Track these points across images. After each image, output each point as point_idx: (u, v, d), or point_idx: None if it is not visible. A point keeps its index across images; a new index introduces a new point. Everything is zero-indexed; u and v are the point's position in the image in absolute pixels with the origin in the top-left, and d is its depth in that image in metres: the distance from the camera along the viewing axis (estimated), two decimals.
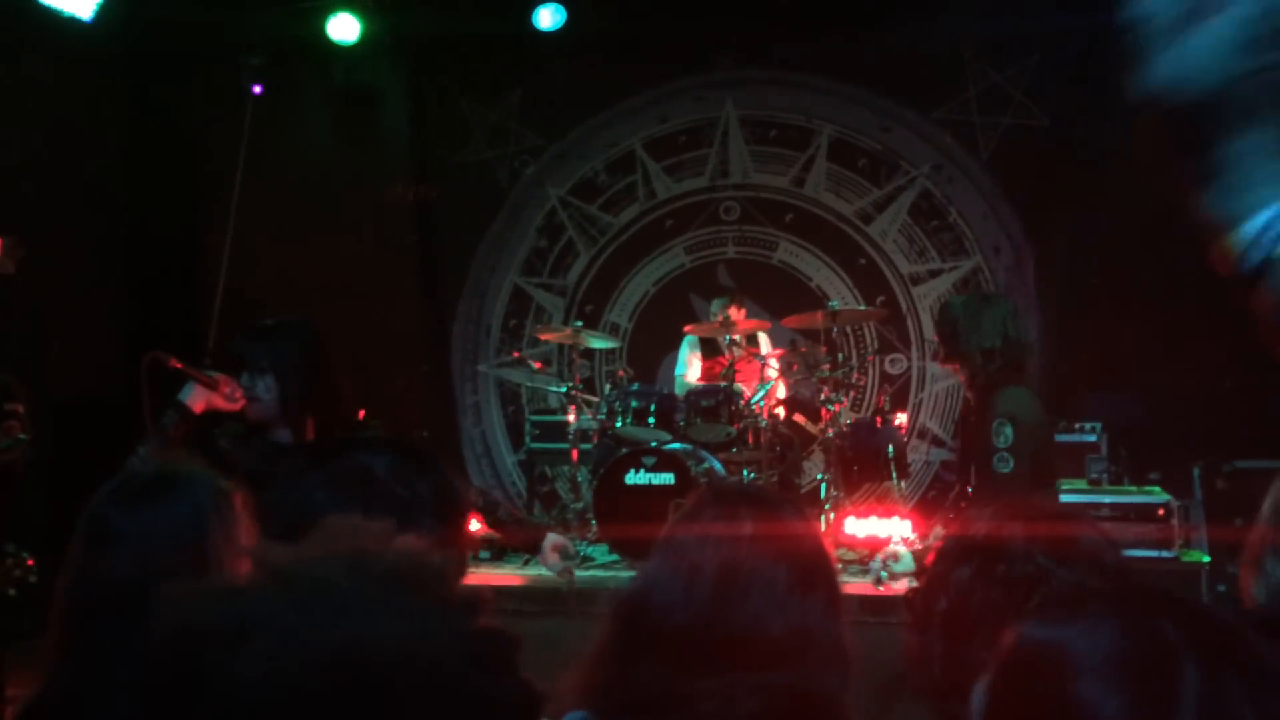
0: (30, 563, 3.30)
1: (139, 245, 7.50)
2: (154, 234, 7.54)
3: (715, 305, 6.73)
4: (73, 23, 6.38)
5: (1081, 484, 5.60)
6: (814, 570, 1.37)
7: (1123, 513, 5.04)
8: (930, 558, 1.45)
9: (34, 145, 6.45)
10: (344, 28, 7.25)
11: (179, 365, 2.81)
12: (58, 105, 6.70)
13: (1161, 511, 5.07)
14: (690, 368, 6.96)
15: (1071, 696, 0.85)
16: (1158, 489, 5.44)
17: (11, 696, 3.67)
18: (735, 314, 6.54)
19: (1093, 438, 5.96)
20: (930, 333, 7.41)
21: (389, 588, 0.76)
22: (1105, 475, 5.76)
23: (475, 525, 3.10)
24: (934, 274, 7.49)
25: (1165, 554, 4.96)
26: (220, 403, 2.77)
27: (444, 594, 0.79)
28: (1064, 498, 4.87)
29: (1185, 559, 5.07)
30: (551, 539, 3.06)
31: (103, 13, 6.47)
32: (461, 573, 1.52)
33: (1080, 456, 5.81)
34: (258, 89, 7.62)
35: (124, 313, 7.38)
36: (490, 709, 0.76)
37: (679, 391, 6.67)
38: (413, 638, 0.74)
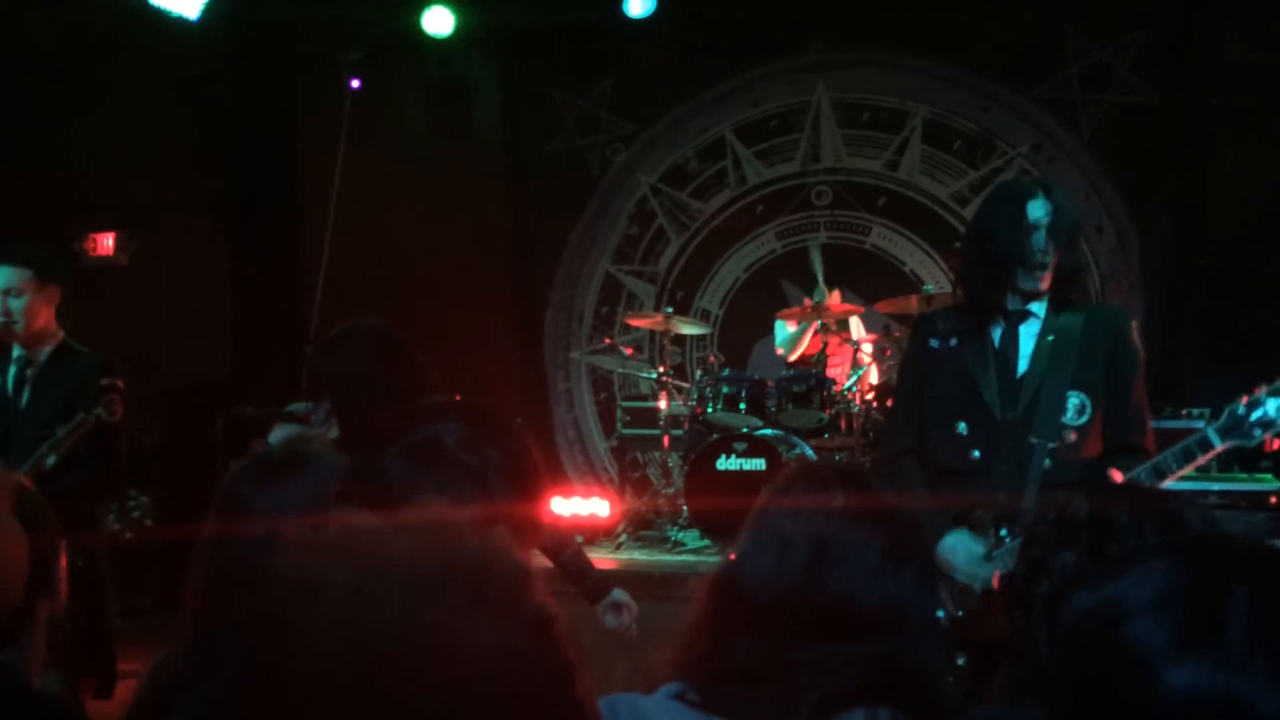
0: (147, 504, 3.46)
1: (245, 237, 7.76)
2: (259, 225, 7.79)
3: (817, 295, 6.65)
4: (180, 22, 6.61)
5: (1189, 470, 5.41)
6: (906, 542, 1.36)
7: (1232, 500, 4.86)
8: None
9: (144, 142, 6.71)
10: (438, 21, 7.37)
11: (254, 416, 2.85)
12: (166, 103, 6.96)
13: (1274, 499, 4.88)
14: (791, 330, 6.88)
15: (1124, 639, 0.83)
16: (1269, 476, 5.24)
17: (125, 671, 3.83)
18: (832, 299, 6.53)
19: (1201, 424, 5.75)
20: None
21: (459, 586, 0.73)
22: (1214, 462, 5.56)
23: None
24: None
25: (1278, 543, 4.78)
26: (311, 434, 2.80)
27: (511, 603, 0.75)
28: (1172, 485, 4.72)
29: None
30: (615, 596, 2.89)
31: (208, 12, 6.69)
32: (537, 541, 1.50)
33: None
34: (356, 83, 7.80)
35: (231, 302, 7.65)
36: None
37: (783, 351, 6.63)
38: (464, 644, 0.71)
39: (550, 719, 0.74)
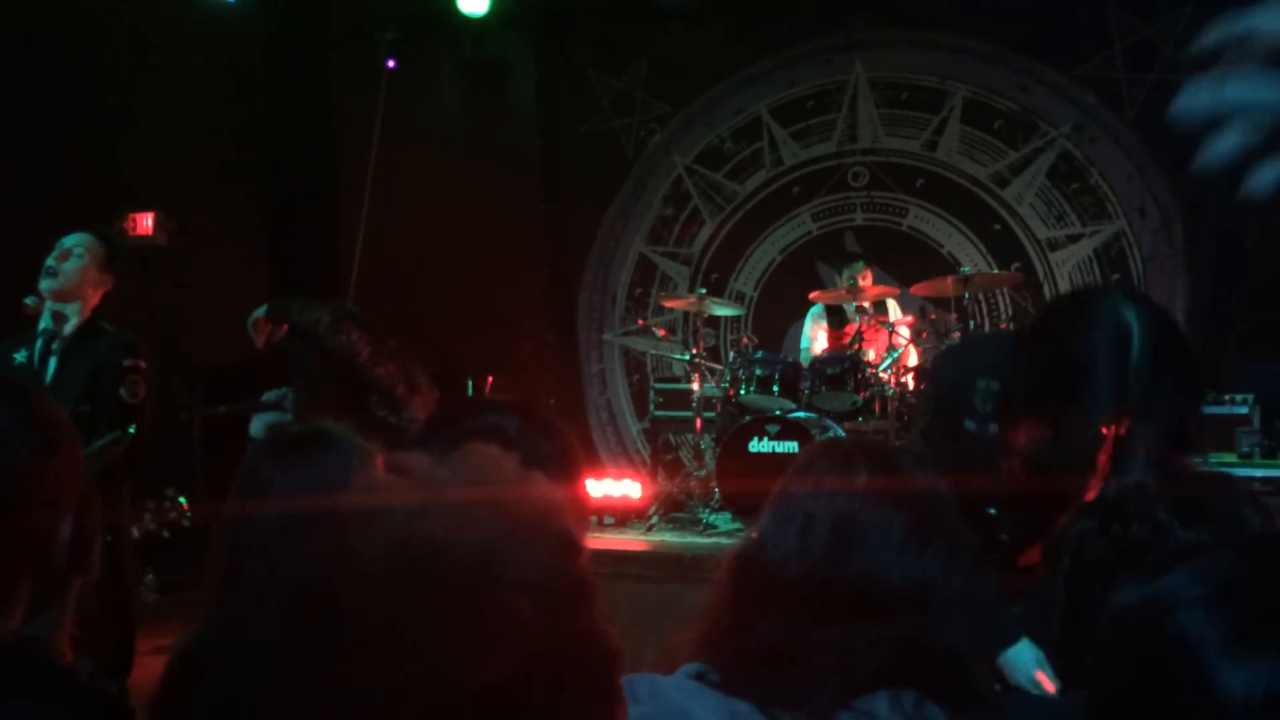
0: (185, 508, 3.46)
1: (280, 216, 7.81)
2: (294, 206, 7.84)
3: (846, 273, 6.60)
4: (218, 3, 6.65)
5: (1231, 458, 5.34)
6: (933, 520, 1.33)
7: (1275, 487, 4.78)
8: None
9: (181, 123, 6.76)
10: (474, 1, 7.36)
11: (229, 413, 2.86)
12: (204, 84, 7.00)
13: None
14: (815, 341, 6.85)
15: (1174, 632, 0.78)
16: None
17: (160, 647, 3.87)
18: (864, 281, 6.45)
19: (1244, 410, 5.66)
20: None
21: (498, 509, 0.79)
22: (1257, 449, 5.47)
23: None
24: (1073, 239, 7.20)
25: None
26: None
27: (541, 525, 0.80)
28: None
29: None
30: None
31: None
32: (583, 527, 1.55)
33: (1230, 429, 5.53)
34: (392, 64, 7.81)
35: (269, 282, 7.70)
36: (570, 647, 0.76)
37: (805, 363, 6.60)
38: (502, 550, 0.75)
39: (576, 634, 0.78)
